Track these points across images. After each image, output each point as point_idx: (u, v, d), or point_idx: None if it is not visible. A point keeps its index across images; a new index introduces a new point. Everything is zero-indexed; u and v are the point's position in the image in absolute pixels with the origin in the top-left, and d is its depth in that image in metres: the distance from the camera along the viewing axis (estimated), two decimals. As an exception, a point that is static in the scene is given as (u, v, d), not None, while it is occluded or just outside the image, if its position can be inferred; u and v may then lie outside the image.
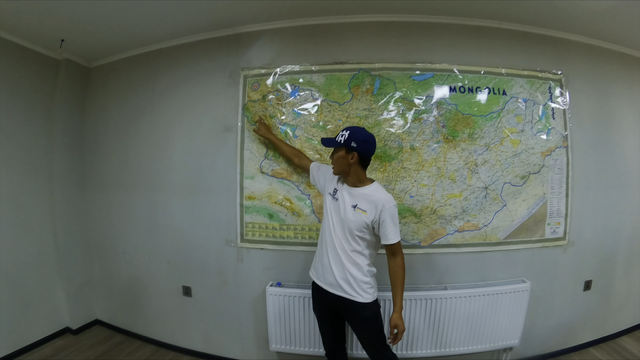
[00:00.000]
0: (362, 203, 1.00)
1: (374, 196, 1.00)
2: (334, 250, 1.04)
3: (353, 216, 1.00)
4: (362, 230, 0.99)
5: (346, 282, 1.02)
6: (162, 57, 1.69)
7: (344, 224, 1.02)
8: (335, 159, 1.03)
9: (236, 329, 1.60)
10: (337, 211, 1.04)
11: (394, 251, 1.02)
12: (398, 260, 1.02)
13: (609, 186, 1.65)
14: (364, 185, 1.03)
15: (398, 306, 1.00)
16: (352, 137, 0.99)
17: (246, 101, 1.47)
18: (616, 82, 1.72)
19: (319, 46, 1.44)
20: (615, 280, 1.76)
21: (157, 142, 1.67)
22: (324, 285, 1.08)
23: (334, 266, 1.03)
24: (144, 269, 1.75)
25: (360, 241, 1.02)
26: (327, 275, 1.06)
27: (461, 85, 1.40)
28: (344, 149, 1.00)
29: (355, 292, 1.01)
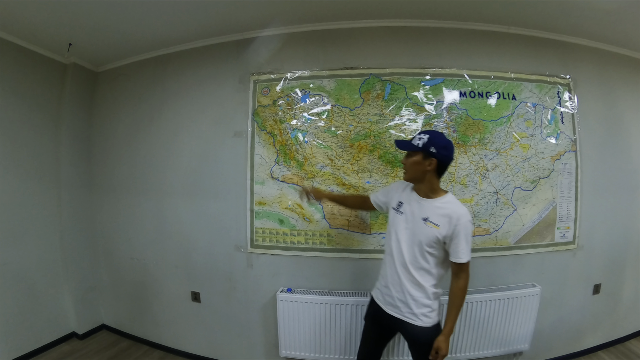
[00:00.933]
0: (434, 216, 0.91)
1: (447, 209, 0.91)
2: (394, 268, 0.97)
3: (423, 230, 0.91)
4: (432, 245, 0.91)
5: (404, 304, 0.95)
6: (171, 62, 1.69)
7: (413, 239, 0.93)
8: (410, 164, 0.94)
9: (245, 335, 1.59)
10: (402, 226, 0.96)
11: (459, 271, 0.93)
12: (460, 283, 0.94)
13: (618, 190, 1.66)
14: (437, 197, 0.94)
15: (447, 329, 0.93)
16: (432, 142, 0.90)
17: (256, 106, 1.47)
18: (624, 86, 1.72)
19: (329, 51, 1.44)
20: (625, 284, 1.76)
21: (165, 147, 1.67)
22: (383, 305, 1.02)
23: (393, 286, 0.98)
24: (151, 274, 1.74)
25: (429, 257, 0.93)
26: (387, 295, 1.01)
27: (471, 90, 1.40)
28: (421, 153, 0.91)
29: (413, 315, 0.95)
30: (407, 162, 0.96)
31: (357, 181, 1.39)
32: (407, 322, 0.96)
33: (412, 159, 0.94)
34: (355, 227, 1.40)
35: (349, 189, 1.40)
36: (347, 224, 1.40)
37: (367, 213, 1.40)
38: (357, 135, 1.38)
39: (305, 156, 1.41)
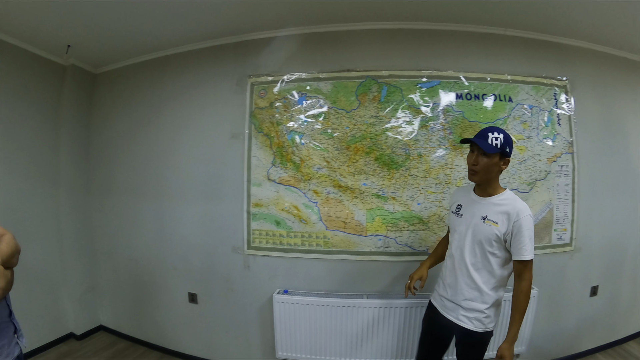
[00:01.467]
0: (492, 214, 0.89)
1: (506, 205, 0.89)
2: (453, 271, 0.97)
3: (482, 229, 0.90)
4: (492, 244, 0.89)
5: (460, 306, 0.95)
6: (169, 64, 1.69)
7: (473, 239, 0.92)
8: (486, 166, 0.89)
9: (242, 336, 1.59)
10: (462, 227, 0.96)
11: (521, 272, 0.89)
12: (523, 286, 0.89)
13: (615, 192, 1.66)
14: (496, 194, 0.92)
15: (511, 335, 0.88)
16: (507, 142, 0.87)
17: (253, 108, 1.47)
18: (620, 88, 1.72)
19: (326, 53, 1.45)
20: (622, 286, 1.75)
21: (163, 149, 1.67)
22: (440, 308, 1.02)
23: (450, 289, 0.97)
24: (149, 275, 1.74)
25: (491, 258, 0.90)
26: (444, 298, 1.00)
27: (467, 92, 1.41)
28: (498, 154, 0.88)
29: (467, 318, 0.93)
30: (481, 163, 0.89)
31: (354, 183, 1.39)
32: (461, 325, 0.94)
33: (488, 160, 0.88)
34: (352, 229, 1.40)
35: (345, 190, 1.40)
36: (344, 226, 1.40)
37: (363, 214, 1.40)
38: (354, 137, 1.39)
39: (301, 158, 1.41)
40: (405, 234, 1.40)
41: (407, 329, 1.37)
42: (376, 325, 1.37)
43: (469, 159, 0.93)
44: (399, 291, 1.44)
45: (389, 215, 1.39)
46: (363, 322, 1.37)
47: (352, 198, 1.39)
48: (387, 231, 1.39)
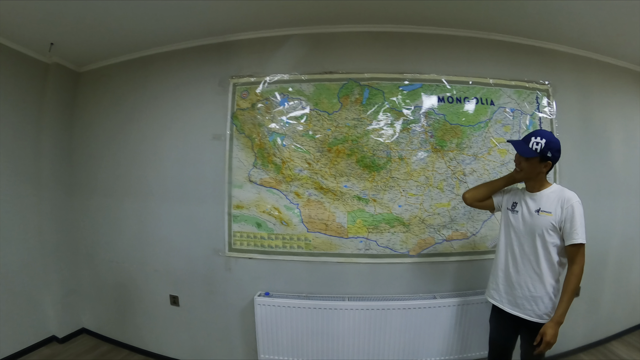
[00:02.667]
0: (545, 205, 0.97)
1: (556, 195, 0.97)
2: (516, 267, 1.01)
3: (539, 221, 0.96)
4: (550, 234, 0.95)
5: (527, 301, 0.98)
6: (153, 64, 1.68)
7: (532, 233, 0.98)
8: (525, 167, 0.98)
9: (224, 339, 1.57)
10: (520, 223, 1.01)
11: (574, 255, 0.94)
12: (575, 268, 0.94)
13: (597, 195, 1.67)
14: (545, 188, 1.00)
15: (557, 315, 0.92)
16: (548, 147, 0.94)
17: (235, 109, 1.46)
18: (602, 92, 1.74)
19: (308, 55, 1.44)
20: (605, 287, 1.77)
21: (146, 150, 1.65)
22: (502, 305, 1.05)
23: (515, 285, 1.00)
24: (131, 278, 1.72)
25: (551, 248, 0.96)
26: (508, 294, 1.03)
27: (449, 96, 1.41)
28: (538, 157, 0.95)
29: (535, 314, 0.97)
30: (523, 164, 0.99)
31: (335, 185, 1.39)
32: (530, 320, 0.97)
33: (528, 162, 0.97)
34: (333, 231, 1.39)
35: (327, 192, 1.40)
36: (325, 228, 1.40)
37: (344, 216, 1.40)
38: (335, 139, 1.38)
39: (283, 160, 1.40)
40: (386, 236, 1.40)
41: (388, 330, 1.36)
42: (358, 328, 1.36)
43: (516, 158, 1.03)
44: (379, 293, 1.44)
45: (370, 218, 1.39)
46: (345, 324, 1.36)
47: (333, 200, 1.39)
48: (368, 233, 1.39)
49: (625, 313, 1.90)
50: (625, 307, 1.90)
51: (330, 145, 1.38)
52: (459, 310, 1.37)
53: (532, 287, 0.96)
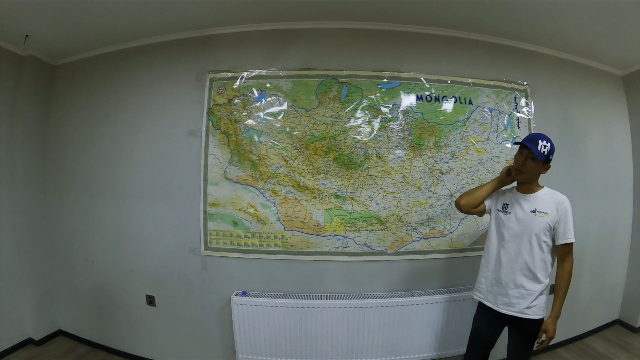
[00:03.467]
0: (541, 206, 1.00)
1: (551, 197, 1.01)
2: (509, 266, 1.02)
3: (535, 221, 0.99)
4: (545, 233, 0.99)
5: (522, 299, 1.00)
6: (130, 57, 1.62)
7: (527, 232, 1.00)
8: (531, 168, 1.00)
9: (202, 339, 1.54)
10: (513, 223, 1.03)
11: (565, 254, 1.00)
12: (567, 266, 1.01)
13: (574, 194, 1.66)
14: (538, 190, 1.04)
15: (555, 312, 0.99)
16: (551, 151, 0.99)
17: (211, 105, 1.43)
18: (581, 94, 1.78)
19: (287, 51, 1.42)
20: (582, 284, 1.81)
21: (122, 146, 1.60)
22: (496, 307, 1.05)
23: (509, 283, 1.02)
24: (107, 277, 1.67)
25: (544, 246, 1.00)
26: (501, 294, 1.04)
27: (428, 94, 1.41)
28: (543, 160, 0.99)
29: (529, 309, 1.00)
30: (529, 165, 1.00)
31: (312, 183, 1.37)
32: (523, 317, 1.00)
33: (534, 164, 1.00)
34: (310, 229, 1.38)
35: (304, 190, 1.38)
36: (302, 226, 1.38)
37: (321, 214, 1.38)
38: (313, 136, 1.37)
39: (259, 157, 1.38)
40: (363, 234, 1.39)
41: (367, 328, 1.36)
42: (336, 326, 1.35)
43: (518, 159, 1.03)
44: (357, 291, 1.44)
45: (348, 215, 1.38)
46: (323, 323, 1.35)
47: (310, 198, 1.37)
48: (345, 231, 1.38)
49: (603, 309, 1.95)
50: (602, 303, 1.94)
51: (308, 143, 1.36)
52: (437, 307, 1.37)
53: (527, 285, 0.99)
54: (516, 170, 1.02)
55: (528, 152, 0.99)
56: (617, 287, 2.00)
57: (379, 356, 1.40)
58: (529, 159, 0.99)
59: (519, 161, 1.02)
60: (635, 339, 1.86)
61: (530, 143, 0.99)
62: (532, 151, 0.97)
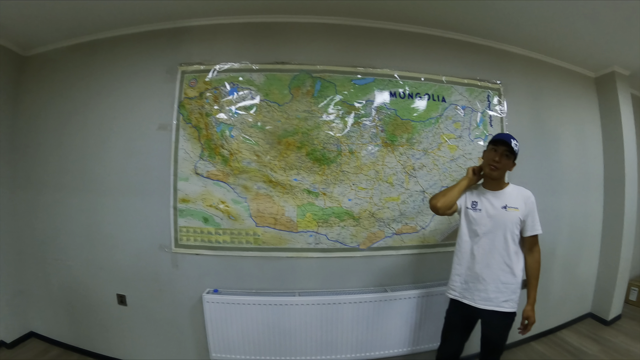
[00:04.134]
0: (511, 202, 1.05)
1: (518, 193, 1.06)
2: (485, 262, 1.05)
3: (506, 216, 1.03)
4: (517, 227, 1.04)
5: (500, 292, 1.03)
6: (101, 48, 1.57)
7: (499, 227, 1.04)
8: (505, 164, 1.05)
9: (175, 338, 1.51)
10: (485, 220, 1.05)
11: (533, 245, 1.07)
12: (535, 256, 1.07)
13: (546, 191, 1.74)
14: (505, 187, 1.09)
15: (532, 299, 1.06)
16: (518, 147, 1.05)
17: (182, 98, 1.39)
18: (552, 93, 1.82)
19: (261, 45, 1.40)
20: (554, 278, 1.86)
21: (93, 141, 1.54)
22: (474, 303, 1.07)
23: (487, 278, 1.04)
24: (77, 277, 1.61)
25: (516, 239, 1.05)
26: (479, 290, 1.05)
27: (401, 91, 1.41)
28: (513, 157, 1.05)
29: (506, 302, 1.04)
30: (505, 162, 1.05)
31: (285, 178, 1.36)
32: (500, 311, 1.03)
33: (509, 161, 1.05)
34: (282, 225, 1.36)
35: (276, 186, 1.36)
36: (274, 222, 1.36)
37: (294, 210, 1.37)
38: (285, 131, 1.35)
39: (231, 151, 1.35)
40: (336, 230, 1.38)
41: (341, 325, 1.35)
42: (310, 323, 1.34)
43: (492, 156, 1.05)
44: (331, 288, 1.43)
45: (320, 211, 1.37)
46: (297, 320, 1.34)
47: (282, 194, 1.35)
48: (318, 227, 1.37)
49: (575, 302, 2.01)
50: (574, 297, 2.00)
51: (280, 138, 1.35)
52: (410, 303, 1.38)
53: (504, 279, 1.02)
54: (491, 166, 1.04)
55: (504, 149, 1.03)
56: (588, 282, 2.07)
57: (354, 353, 1.40)
58: (504, 155, 1.03)
59: (494, 157, 1.04)
60: (607, 332, 1.93)
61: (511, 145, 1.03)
62: (509, 148, 1.02)
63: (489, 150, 1.07)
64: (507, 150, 1.02)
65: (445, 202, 1.08)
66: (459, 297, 1.11)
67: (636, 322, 2.03)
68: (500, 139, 1.04)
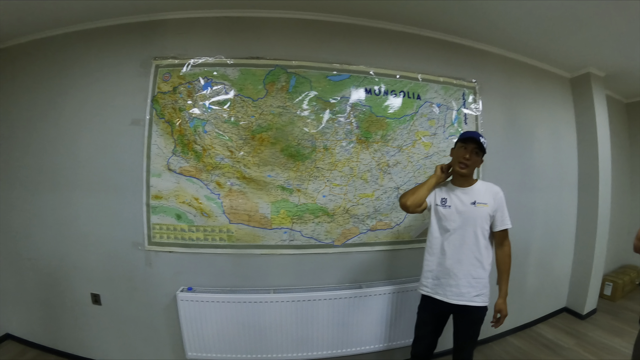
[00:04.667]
0: (480, 197, 1.06)
1: (487, 189, 1.08)
2: (456, 257, 1.06)
3: (476, 212, 1.05)
4: (487, 222, 1.05)
5: (472, 287, 1.04)
6: (75, 41, 1.52)
7: (469, 223, 1.05)
8: (475, 162, 1.07)
9: (150, 338, 1.48)
10: (455, 216, 1.07)
11: (503, 239, 1.08)
12: (506, 249, 1.09)
13: (520, 188, 1.78)
14: (473, 183, 1.10)
15: (504, 292, 1.07)
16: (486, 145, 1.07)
17: (156, 92, 1.37)
18: (527, 93, 1.86)
19: (236, 39, 1.39)
20: (529, 274, 1.90)
21: (64, 137, 1.50)
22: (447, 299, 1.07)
23: (459, 274, 1.05)
24: (51, 276, 1.56)
25: (486, 234, 1.06)
26: (451, 286, 1.06)
27: (377, 88, 1.42)
28: (482, 153, 1.07)
29: (478, 297, 1.05)
30: (475, 159, 1.06)
31: (259, 174, 1.35)
32: (473, 305, 1.04)
33: (479, 158, 1.07)
34: (256, 222, 1.35)
35: (250, 182, 1.35)
36: (248, 219, 1.35)
37: (268, 207, 1.36)
38: (259, 127, 1.34)
39: (204, 147, 1.33)
40: (310, 227, 1.38)
41: (316, 322, 1.35)
42: (285, 320, 1.34)
43: (462, 154, 1.06)
44: (305, 284, 1.43)
45: (294, 208, 1.36)
46: (272, 317, 1.33)
47: (256, 190, 1.34)
48: (292, 224, 1.37)
49: (550, 297, 2.06)
50: (550, 292, 2.05)
51: (254, 133, 1.34)
52: (385, 299, 1.39)
53: (475, 273, 1.04)
54: (461, 163, 1.06)
55: (474, 147, 1.04)
56: (563, 277, 2.12)
57: (330, 349, 1.40)
58: (474, 152, 1.04)
59: (464, 155, 1.05)
60: (582, 326, 1.98)
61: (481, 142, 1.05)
62: (479, 145, 1.04)
63: (458, 148, 1.08)
64: (476, 148, 1.04)
65: (415, 200, 1.09)
66: (431, 292, 1.12)
67: (611, 316, 2.10)
68: (470, 137, 1.05)
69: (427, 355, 1.17)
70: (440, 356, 1.54)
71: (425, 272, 1.14)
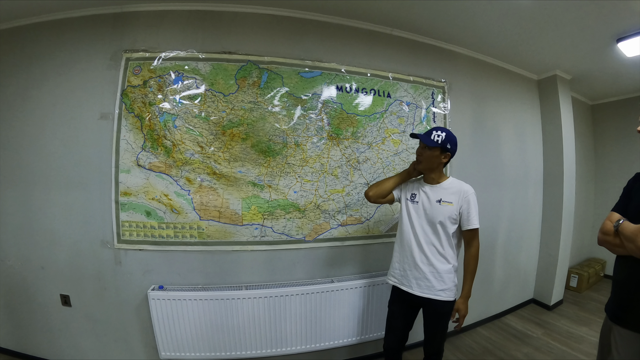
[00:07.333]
0: (446, 196, 1.07)
1: (454, 188, 1.08)
2: (421, 251, 1.08)
3: (440, 210, 1.06)
4: (451, 221, 1.06)
5: (436, 280, 1.07)
6: (43, 32, 1.47)
7: (433, 220, 1.07)
8: (428, 156, 1.07)
9: (122, 338, 1.45)
10: (420, 212, 1.09)
11: (471, 239, 1.09)
12: (473, 250, 1.10)
13: (487, 184, 1.86)
14: (443, 181, 1.11)
15: (465, 292, 1.08)
16: (448, 140, 1.05)
17: (126, 86, 1.34)
18: (495, 93, 1.95)
19: (208, 33, 1.38)
20: (496, 267, 1.98)
21: (29, 130, 1.44)
22: (412, 290, 1.10)
23: (423, 267, 1.08)
24: (17, 278, 1.49)
25: (451, 232, 1.07)
26: (417, 278, 1.09)
27: (348, 86, 1.45)
28: (439, 148, 1.05)
29: (442, 291, 1.07)
30: (424, 154, 1.07)
31: (229, 170, 1.35)
32: (437, 299, 1.07)
33: (430, 152, 1.06)
34: (227, 218, 1.35)
35: (220, 178, 1.35)
36: (218, 216, 1.35)
37: (239, 203, 1.37)
38: (230, 122, 1.35)
39: (174, 142, 1.32)
40: (282, 222, 1.40)
41: (289, 317, 1.37)
42: (258, 316, 1.34)
43: (417, 150, 1.11)
44: (278, 280, 1.44)
45: (265, 204, 1.37)
46: (245, 314, 1.33)
47: (227, 186, 1.35)
48: (263, 220, 1.38)
49: (517, 289, 2.15)
50: (517, 284, 2.14)
51: (225, 128, 1.34)
52: (356, 292, 1.42)
53: (440, 268, 1.07)
54: (416, 160, 1.11)
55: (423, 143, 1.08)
56: (530, 269, 2.22)
57: (303, 344, 1.41)
58: (425, 148, 1.07)
59: (417, 151, 1.10)
60: (549, 316, 2.08)
61: (423, 134, 1.08)
62: (422, 140, 1.07)
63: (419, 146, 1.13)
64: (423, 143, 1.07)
65: (377, 191, 1.13)
66: (397, 283, 1.16)
67: (577, 306, 2.21)
68: (413, 134, 1.10)
69: (399, 347, 1.20)
70: (412, 348, 1.60)
71: (394, 263, 1.18)
